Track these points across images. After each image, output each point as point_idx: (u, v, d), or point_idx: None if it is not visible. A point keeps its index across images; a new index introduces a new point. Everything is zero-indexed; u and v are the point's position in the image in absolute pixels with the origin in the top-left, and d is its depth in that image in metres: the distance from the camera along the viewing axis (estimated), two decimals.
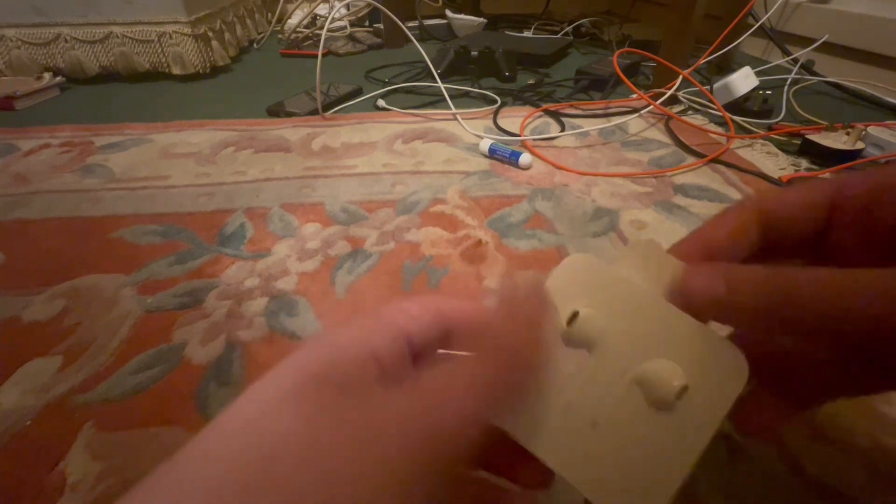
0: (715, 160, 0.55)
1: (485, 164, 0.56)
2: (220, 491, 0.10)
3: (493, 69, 0.86)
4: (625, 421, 0.15)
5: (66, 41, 0.84)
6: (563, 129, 0.65)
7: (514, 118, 0.68)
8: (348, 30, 1.19)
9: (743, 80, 0.66)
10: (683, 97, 0.71)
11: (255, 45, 1.15)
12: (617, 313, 0.16)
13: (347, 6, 1.25)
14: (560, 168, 0.55)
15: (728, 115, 0.63)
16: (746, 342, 0.18)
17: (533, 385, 0.16)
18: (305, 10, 1.14)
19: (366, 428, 0.12)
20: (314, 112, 0.71)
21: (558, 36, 1.13)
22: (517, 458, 0.17)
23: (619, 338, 0.16)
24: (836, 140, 0.56)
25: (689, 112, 0.70)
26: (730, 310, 0.15)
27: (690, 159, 0.56)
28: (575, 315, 0.16)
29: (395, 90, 0.80)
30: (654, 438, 0.15)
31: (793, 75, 0.78)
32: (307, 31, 1.15)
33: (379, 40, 1.12)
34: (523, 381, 0.15)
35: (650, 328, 0.16)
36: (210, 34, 0.90)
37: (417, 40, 0.80)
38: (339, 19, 1.22)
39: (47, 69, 0.85)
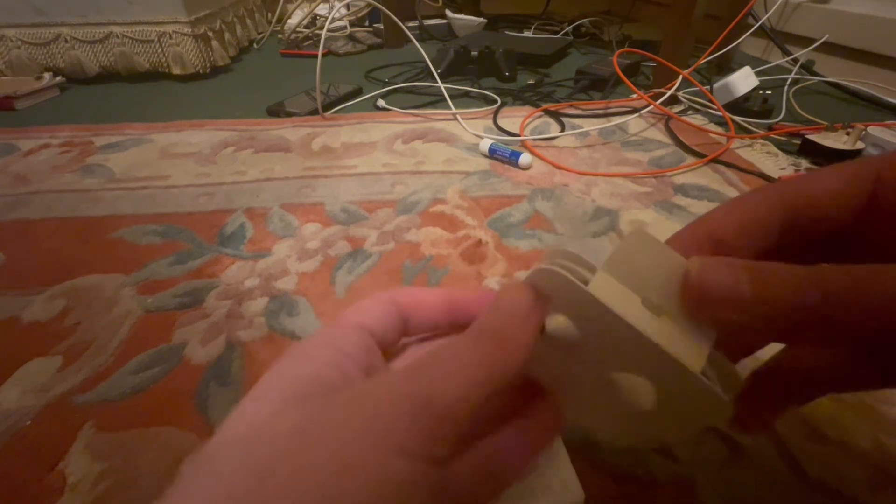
0: (715, 160, 0.55)
1: (485, 164, 0.56)
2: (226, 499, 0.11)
3: (493, 69, 0.86)
4: (597, 400, 0.17)
5: (66, 41, 0.84)
6: (563, 129, 0.65)
7: (514, 118, 0.68)
8: (348, 30, 1.19)
9: (743, 80, 0.66)
10: (683, 97, 0.71)
11: (255, 45, 1.15)
12: (591, 334, 0.15)
13: (347, 6, 1.25)
14: (560, 168, 0.55)
15: (728, 115, 0.63)
16: (741, 340, 0.18)
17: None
18: (305, 10, 1.14)
19: (360, 408, 0.12)
20: (314, 112, 0.71)
21: (558, 36, 1.13)
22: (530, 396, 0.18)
23: (593, 352, 0.15)
24: (836, 140, 0.56)
25: (689, 112, 0.70)
26: (757, 314, 0.12)
27: (690, 159, 0.56)
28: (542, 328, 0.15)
29: (395, 90, 0.80)
30: (624, 418, 0.17)
31: (793, 75, 0.78)
32: (307, 31, 1.15)
33: (379, 40, 1.12)
34: (512, 368, 0.15)
35: (627, 359, 0.14)
36: (210, 34, 0.90)
37: (417, 40, 0.80)
38: (339, 19, 1.22)
39: (47, 69, 0.85)
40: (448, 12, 1.19)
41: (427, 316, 0.18)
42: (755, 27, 0.80)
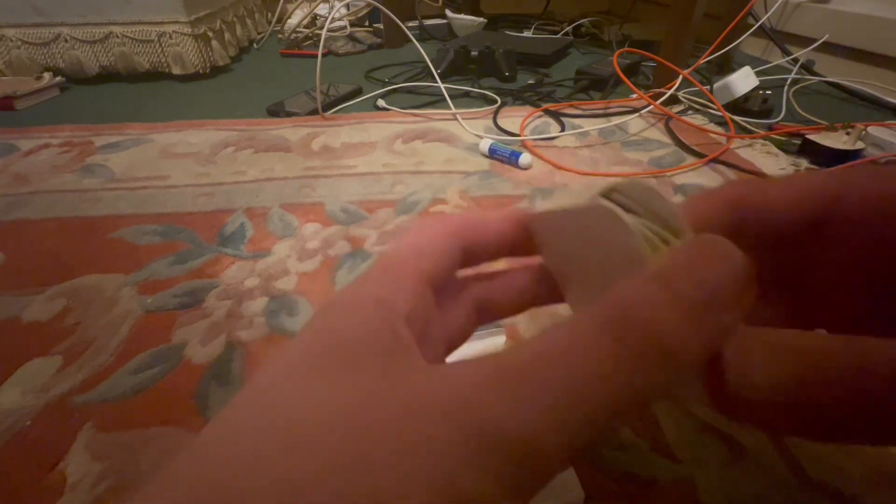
0: (715, 160, 0.55)
1: (485, 164, 0.56)
2: (241, 478, 0.09)
3: (493, 69, 0.86)
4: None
5: (66, 41, 0.84)
6: (563, 129, 0.65)
7: (514, 118, 0.68)
8: (348, 30, 1.19)
9: (743, 80, 0.66)
10: (683, 97, 0.71)
11: (255, 45, 1.15)
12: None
13: (347, 6, 1.25)
14: (560, 168, 0.55)
15: (728, 115, 0.63)
16: None
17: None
18: (305, 10, 1.14)
19: (406, 401, 0.10)
20: (314, 112, 0.71)
21: (558, 36, 1.13)
22: None
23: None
24: (836, 140, 0.56)
25: (689, 112, 0.70)
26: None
27: (690, 159, 0.56)
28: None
29: (395, 90, 0.80)
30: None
31: (793, 75, 0.78)
32: (307, 31, 1.15)
33: (379, 40, 1.12)
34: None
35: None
36: (210, 34, 0.90)
37: (417, 40, 0.80)
38: (339, 19, 1.22)
39: (47, 69, 0.85)
40: (448, 12, 1.19)
41: (490, 242, 0.16)
42: (755, 27, 0.80)
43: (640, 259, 0.12)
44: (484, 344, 0.28)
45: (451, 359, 0.16)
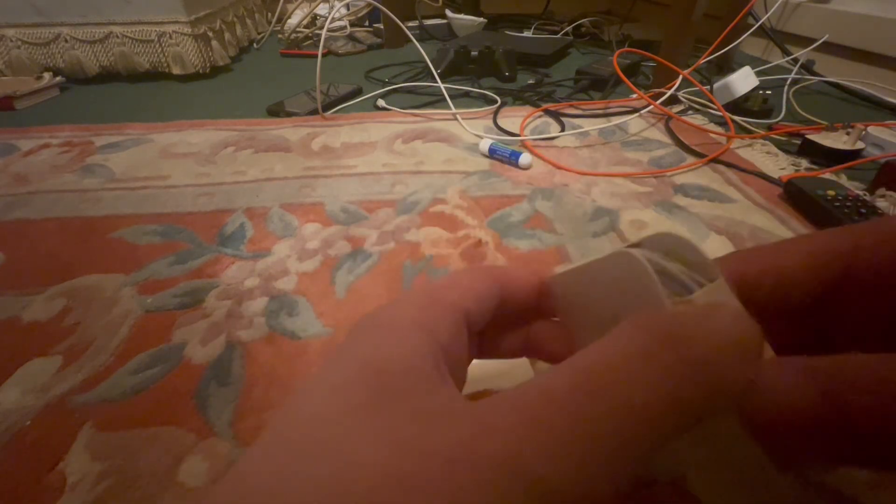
0: (715, 160, 0.55)
1: (485, 163, 0.56)
2: None
3: (493, 69, 0.86)
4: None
5: (66, 41, 0.84)
6: (563, 129, 0.65)
7: (514, 118, 0.68)
8: (348, 30, 1.19)
9: (743, 80, 0.66)
10: (683, 97, 0.71)
11: (255, 45, 1.15)
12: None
13: (347, 6, 1.25)
14: (560, 168, 0.55)
15: (728, 115, 0.63)
16: None
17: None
18: (305, 10, 1.14)
19: (451, 453, 0.10)
20: (314, 112, 0.71)
21: (558, 36, 1.13)
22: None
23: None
24: (836, 140, 0.56)
25: (689, 112, 0.70)
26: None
27: (690, 159, 0.56)
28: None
29: (395, 90, 0.80)
30: None
31: (793, 75, 0.78)
32: (307, 31, 1.15)
33: (379, 40, 1.12)
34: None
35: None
36: (210, 34, 0.90)
37: (417, 40, 0.80)
38: (339, 19, 1.22)
39: (47, 69, 0.85)
40: (448, 12, 1.19)
41: (520, 298, 0.16)
42: (755, 27, 0.80)
43: (656, 298, 0.12)
44: None
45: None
